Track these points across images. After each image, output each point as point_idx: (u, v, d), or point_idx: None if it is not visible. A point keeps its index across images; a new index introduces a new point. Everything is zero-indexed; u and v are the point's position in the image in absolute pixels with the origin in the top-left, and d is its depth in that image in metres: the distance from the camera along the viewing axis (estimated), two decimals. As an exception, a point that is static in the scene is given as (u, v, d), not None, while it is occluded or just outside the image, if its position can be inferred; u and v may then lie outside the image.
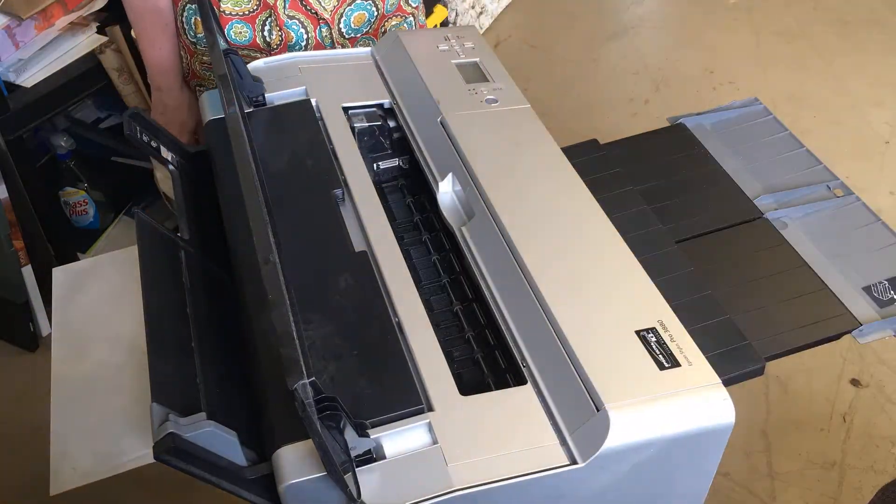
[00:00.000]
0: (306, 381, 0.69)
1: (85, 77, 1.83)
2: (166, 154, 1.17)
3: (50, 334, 2.04)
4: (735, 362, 0.97)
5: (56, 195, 2.06)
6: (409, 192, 1.21)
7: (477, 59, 1.26)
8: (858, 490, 1.72)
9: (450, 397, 0.84)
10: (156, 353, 0.84)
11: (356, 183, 1.09)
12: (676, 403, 0.83)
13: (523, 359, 0.89)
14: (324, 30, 1.38)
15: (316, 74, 1.26)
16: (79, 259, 2.05)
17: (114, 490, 1.74)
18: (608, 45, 2.99)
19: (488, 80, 1.22)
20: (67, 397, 0.97)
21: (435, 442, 0.80)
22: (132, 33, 1.53)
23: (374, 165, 1.22)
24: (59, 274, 1.12)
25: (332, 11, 1.37)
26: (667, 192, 1.23)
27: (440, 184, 1.09)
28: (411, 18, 1.50)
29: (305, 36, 1.37)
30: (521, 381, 0.88)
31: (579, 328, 0.87)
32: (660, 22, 3.13)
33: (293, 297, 0.76)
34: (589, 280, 0.93)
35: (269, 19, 1.34)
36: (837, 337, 1.07)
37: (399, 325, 0.91)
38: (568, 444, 0.81)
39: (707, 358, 0.87)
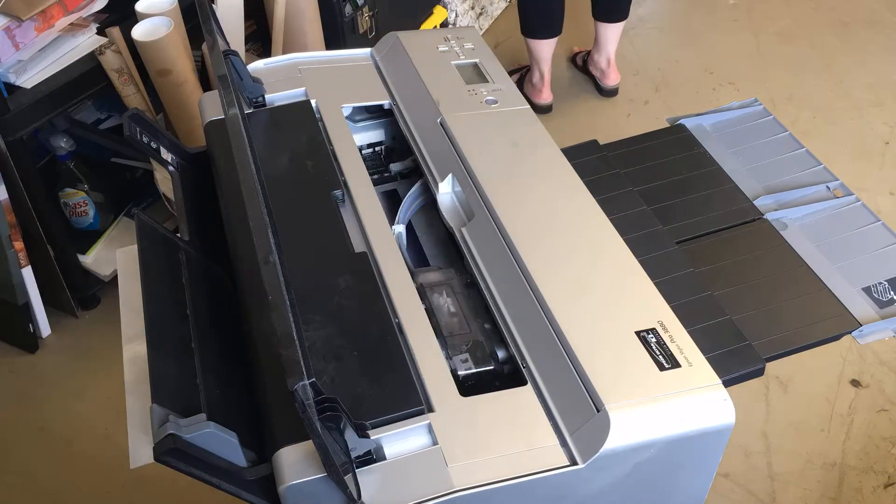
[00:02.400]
0: (306, 381, 0.69)
1: (85, 78, 1.83)
2: (166, 155, 1.17)
3: (50, 336, 2.04)
4: (735, 363, 0.97)
5: (56, 196, 2.06)
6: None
7: (476, 60, 1.26)
8: (858, 491, 1.72)
9: (450, 398, 0.84)
10: (156, 353, 0.84)
11: (356, 184, 1.09)
12: (676, 404, 0.83)
13: (523, 359, 0.89)
14: None
15: (316, 75, 1.26)
16: (79, 260, 2.05)
17: (115, 491, 1.74)
18: (608, 45, 2.99)
19: (488, 81, 1.22)
20: (141, 376, 0.96)
21: (435, 443, 0.80)
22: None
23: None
24: (122, 255, 1.11)
25: None
26: (667, 192, 1.24)
27: (440, 185, 1.09)
28: None
29: None
30: (521, 381, 0.88)
31: (579, 329, 0.87)
32: (659, 22, 3.12)
33: (293, 297, 0.76)
34: (589, 281, 0.93)
35: None
36: (837, 337, 1.07)
37: (399, 325, 0.91)
38: (568, 445, 0.81)
39: (707, 358, 0.87)
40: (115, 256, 1.11)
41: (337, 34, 2.16)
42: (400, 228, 1.09)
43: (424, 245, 1.15)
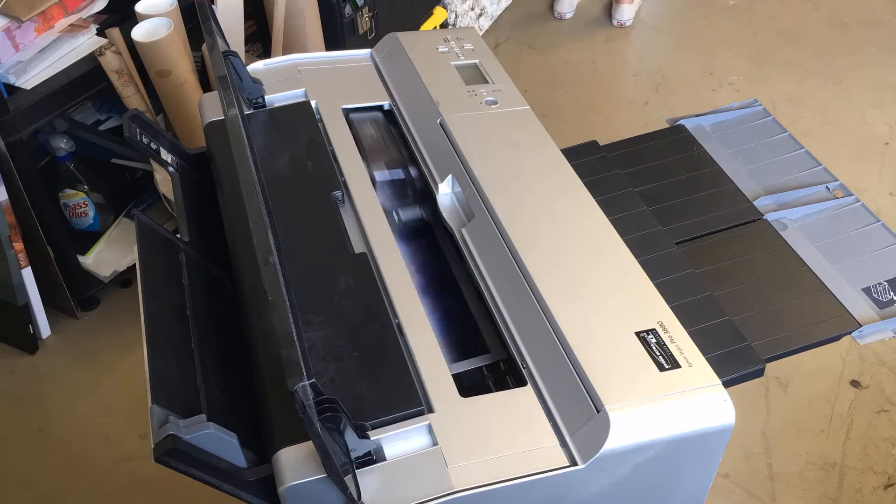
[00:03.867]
0: (306, 382, 0.69)
1: (85, 79, 1.83)
2: (166, 156, 1.17)
3: (49, 337, 2.04)
4: (735, 363, 0.97)
5: (56, 197, 2.06)
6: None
7: (476, 61, 1.26)
8: (858, 491, 1.72)
9: (450, 399, 0.84)
10: (155, 354, 0.84)
11: (355, 184, 1.09)
12: (676, 405, 0.83)
13: (523, 360, 0.89)
14: None
15: (315, 76, 1.26)
16: (79, 261, 2.05)
17: (115, 491, 1.74)
18: (608, 46, 2.99)
19: (488, 82, 1.22)
20: None
21: (435, 443, 0.80)
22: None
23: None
24: None
25: None
26: (666, 193, 1.24)
27: (440, 185, 1.09)
28: None
29: None
30: (521, 382, 0.88)
31: (579, 329, 0.87)
32: (659, 23, 3.12)
33: (293, 298, 0.76)
34: (589, 281, 0.93)
35: None
36: (837, 338, 1.07)
37: (399, 326, 0.91)
38: (568, 446, 0.81)
39: (707, 359, 0.87)
40: (127, 252, 1.11)
41: (337, 35, 2.16)
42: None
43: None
